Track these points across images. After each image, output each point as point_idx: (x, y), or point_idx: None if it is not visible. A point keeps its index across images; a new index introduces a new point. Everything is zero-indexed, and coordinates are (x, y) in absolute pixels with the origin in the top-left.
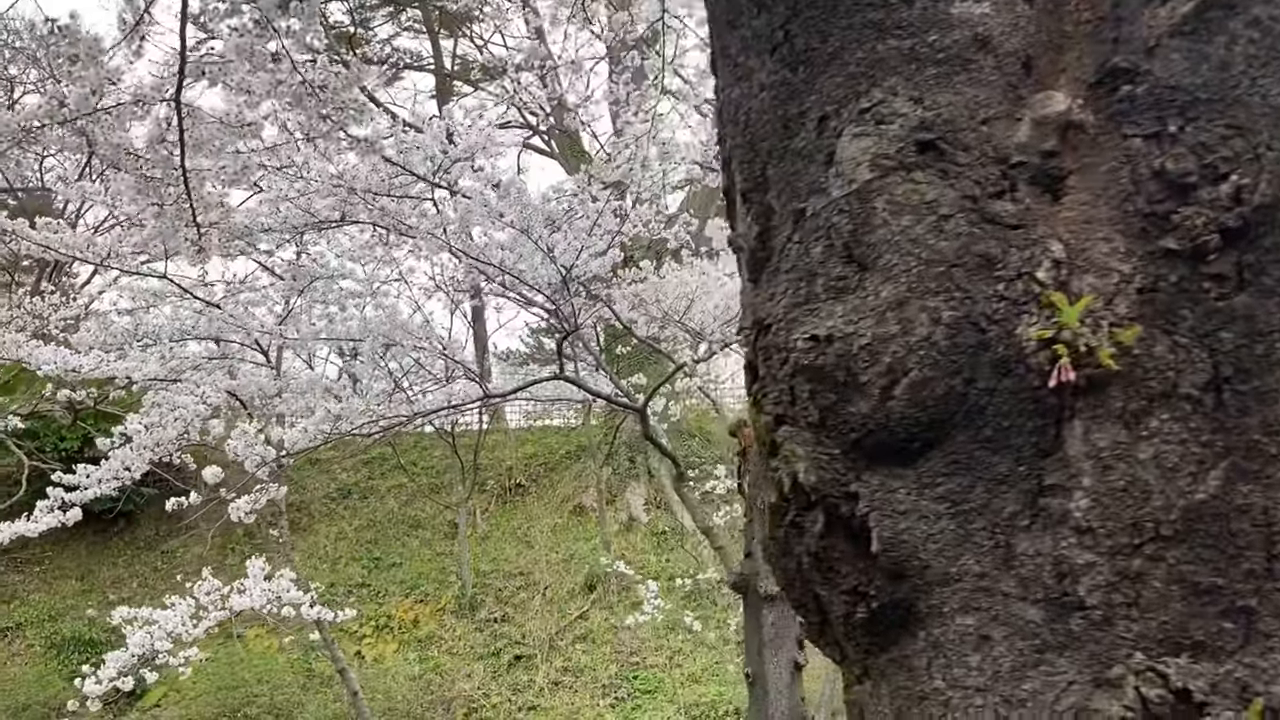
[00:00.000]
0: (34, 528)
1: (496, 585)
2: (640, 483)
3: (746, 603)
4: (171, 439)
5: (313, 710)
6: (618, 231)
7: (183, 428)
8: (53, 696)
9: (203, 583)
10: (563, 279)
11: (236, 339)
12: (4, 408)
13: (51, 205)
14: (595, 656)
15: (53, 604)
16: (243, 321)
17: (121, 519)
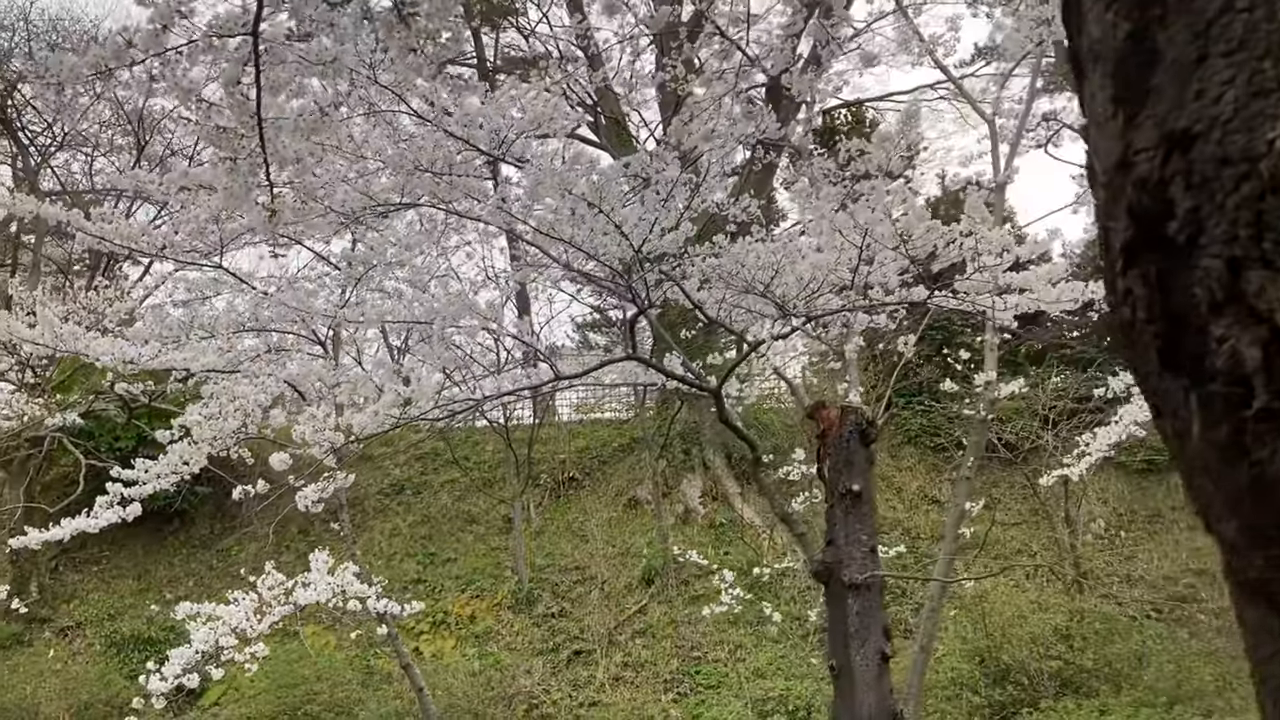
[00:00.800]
0: (94, 524)
1: (553, 580)
2: (696, 475)
3: (829, 592)
4: (231, 430)
5: (373, 708)
6: (687, 205)
7: (243, 418)
8: (115, 695)
9: (266, 576)
10: (635, 255)
11: (292, 330)
12: (62, 404)
13: (101, 207)
14: (656, 651)
15: (111, 603)
16: (303, 303)
17: (177, 518)
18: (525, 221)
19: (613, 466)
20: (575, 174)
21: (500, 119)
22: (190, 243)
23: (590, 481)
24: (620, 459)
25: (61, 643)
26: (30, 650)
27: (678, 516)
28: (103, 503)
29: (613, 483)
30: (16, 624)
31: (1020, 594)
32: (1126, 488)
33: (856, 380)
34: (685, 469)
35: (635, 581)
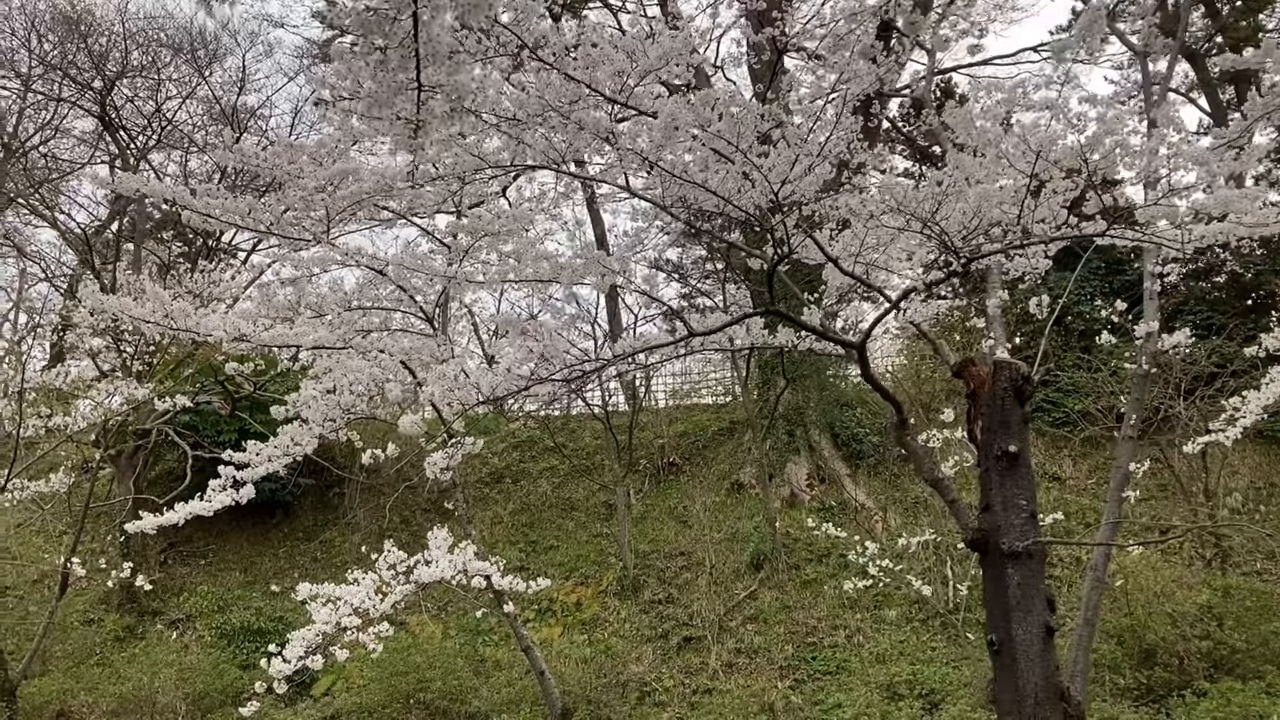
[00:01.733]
0: (207, 507)
1: (658, 566)
2: (801, 457)
3: (985, 562)
4: (349, 403)
5: (486, 695)
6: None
7: (360, 390)
8: (228, 684)
9: (388, 554)
10: (774, 201)
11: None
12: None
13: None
14: (769, 637)
15: (220, 595)
16: (423, 265)
17: (280, 511)
18: (659, 164)
19: (713, 451)
20: (710, 113)
21: (625, 58)
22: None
23: (691, 467)
24: (720, 443)
25: (173, 634)
26: (143, 642)
27: (783, 500)
28: (215, 486)
29: (714, 467)
30: (130, 616)
31: (1160, 571)
32: (1264, 459)
33: (1002, 338)
34: (790, 451)
35: (743, 566)
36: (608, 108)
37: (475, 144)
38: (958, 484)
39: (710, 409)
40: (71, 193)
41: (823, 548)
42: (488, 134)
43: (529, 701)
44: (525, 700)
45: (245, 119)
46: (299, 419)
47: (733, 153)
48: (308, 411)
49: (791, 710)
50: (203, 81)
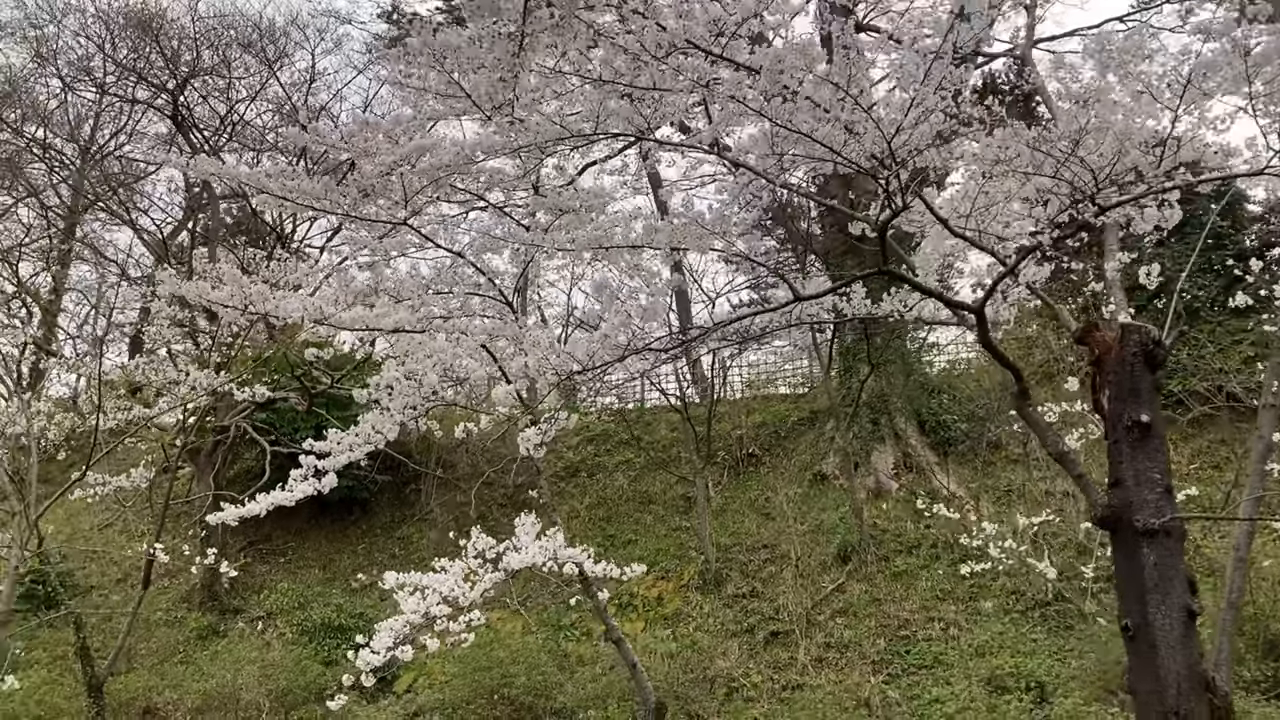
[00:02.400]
0: (289, 497)
1: (740, 559)
2: (887, 446)
3: (1117, 541)
4: (432, 384)
5: (571, 690)
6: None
7: (441, 372)
8: (311, 681)
9: (476, 540)
10: (887, 149)
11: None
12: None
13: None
14: (859, 631)
15: (300, 592)
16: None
17: (358, 508)
18: (762, 113)
19: (793, 441)
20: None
21: (720, 8)
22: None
23: (770, 458)
24: (800, 433)
25: (254, 632)
26: (224, 639)
27: (869, 490)
28: (297, 476)
29: (794, 458)
30: (211, 614)
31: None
32: None
33: (1123, 301)
34: (874, 440)
35: (830, 559)
36: (702, 61)
37: (558, 112)
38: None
39: (788, 399)
40: (146, 195)
41: (912, 539)
42: (572, 100)
43: (615, 697)
44: (612, 696)
45: (315, 115)
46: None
47: (839, 100)
48: (388, 400)
49: (889, 705)
50: (273, 77)
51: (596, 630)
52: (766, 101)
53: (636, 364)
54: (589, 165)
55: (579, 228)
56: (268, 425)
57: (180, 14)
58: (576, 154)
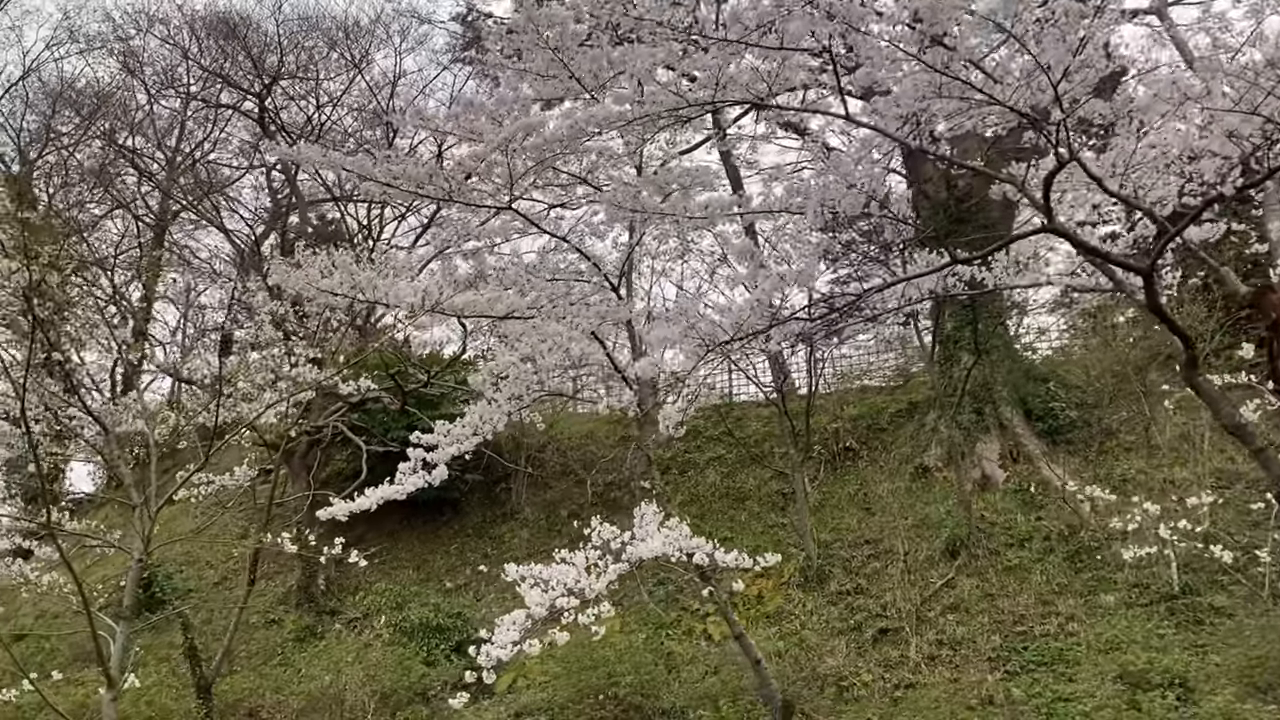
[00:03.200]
0: (400, 490)
1: (842, 555)
2: (992, 436)
3: None
4: (550, 366)
5: (680, 690)
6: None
7: (560, 356)
8: (415, 681)
9: (599, 530)
10: (1054, 94)
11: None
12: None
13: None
14: (972, 627)
15: (396, 593)
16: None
17: (449, 508)
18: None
19: (891, 434)
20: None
21: None
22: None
23: (868, 451)
24: (899, 425)
25: (351, 633)
26: (323, 641)
27: (975, 482)
28: (405, 469)
29: (894, 451)
30: (309, 616)
31: None
32: None
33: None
34: (979, 430)
35: (937, 554)
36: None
37: (673, 81)
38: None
39: (883, 390)
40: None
41: (1024, 531)
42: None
43: (726, 696)
44: (723, 695)
45: (402, 112)
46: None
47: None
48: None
49: (1013, 703)
50: (359, 76)
51: (697, 629)
52: (922, 50)
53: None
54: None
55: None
56: (361, 426)
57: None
58: (689, 128)
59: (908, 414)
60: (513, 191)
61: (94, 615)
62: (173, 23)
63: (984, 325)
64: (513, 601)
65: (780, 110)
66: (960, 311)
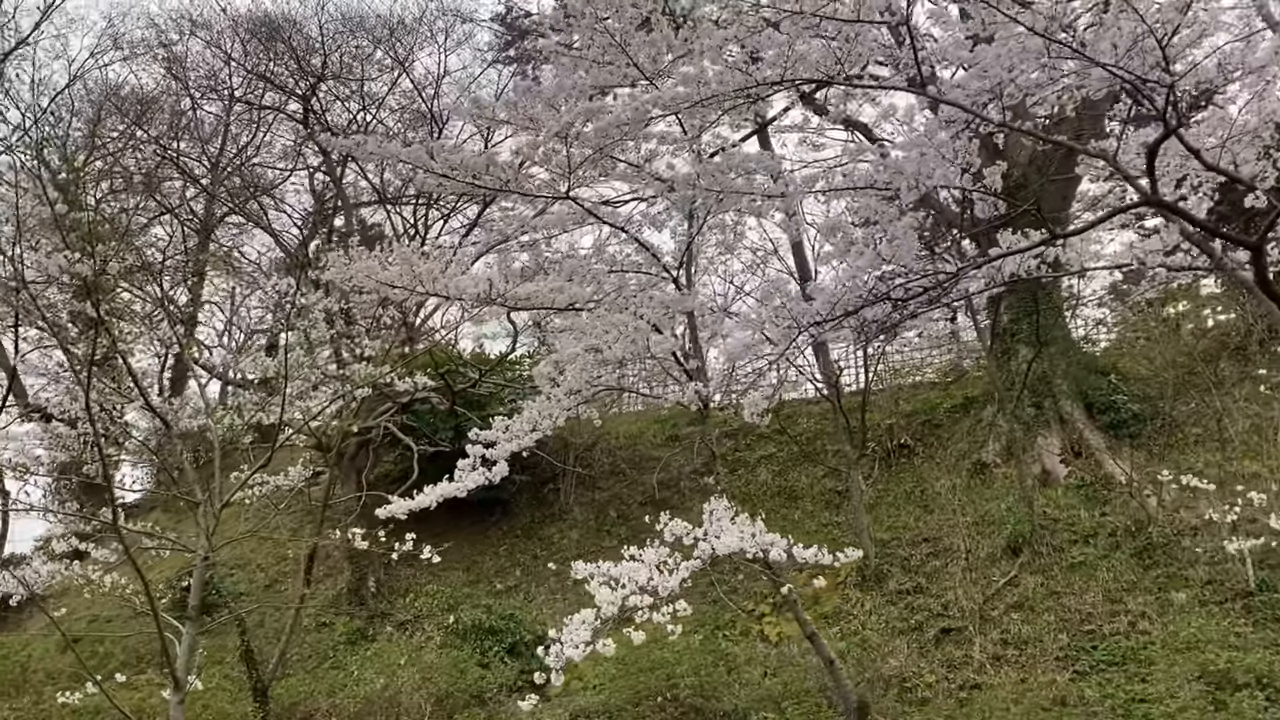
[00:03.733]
0: (460, 487)
1: (901, 554)
2: (1052, 431)
3: None
4: (618, 356)
5: (741, 692)
6: None
7: (625, 346)
8: (472, 684)
9: (670, 525)
10: (1161, 58)
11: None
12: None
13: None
14: (1038, 626)
15: (448, 594)
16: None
17: (498, 509)
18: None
19: (947, 430)
20: None
21: None
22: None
23: (923, 447)
24: (955, 421)
25: (402, 636)
26: (373, 644)
27: (1035, 478)
28: (465, 466)
29: (950, 447)
30: (359, 619)
31: None
32: None
33: None
34: (1038, 425)
35: (999, 551)
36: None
37: (739, 62)
38: None
39: (935, 387)
40: (281, 201)
41: (1087, 527)
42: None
43: (790, 698)
44: (787, 696)
45: (455, 105)
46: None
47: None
48: (550, 388)
49: (1086, 704)
50: (404, 74)
51: (753, 630)
52: (1017, 13)
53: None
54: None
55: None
56: (410, 426)
57: (308, 17)
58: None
59: (963, 410)
60: (570, 180)
61: (159, 616)
62: (216, 26)
63: (1042, 318)
64: (563, 603)
65: (852, 88)
66: (1017, 304)
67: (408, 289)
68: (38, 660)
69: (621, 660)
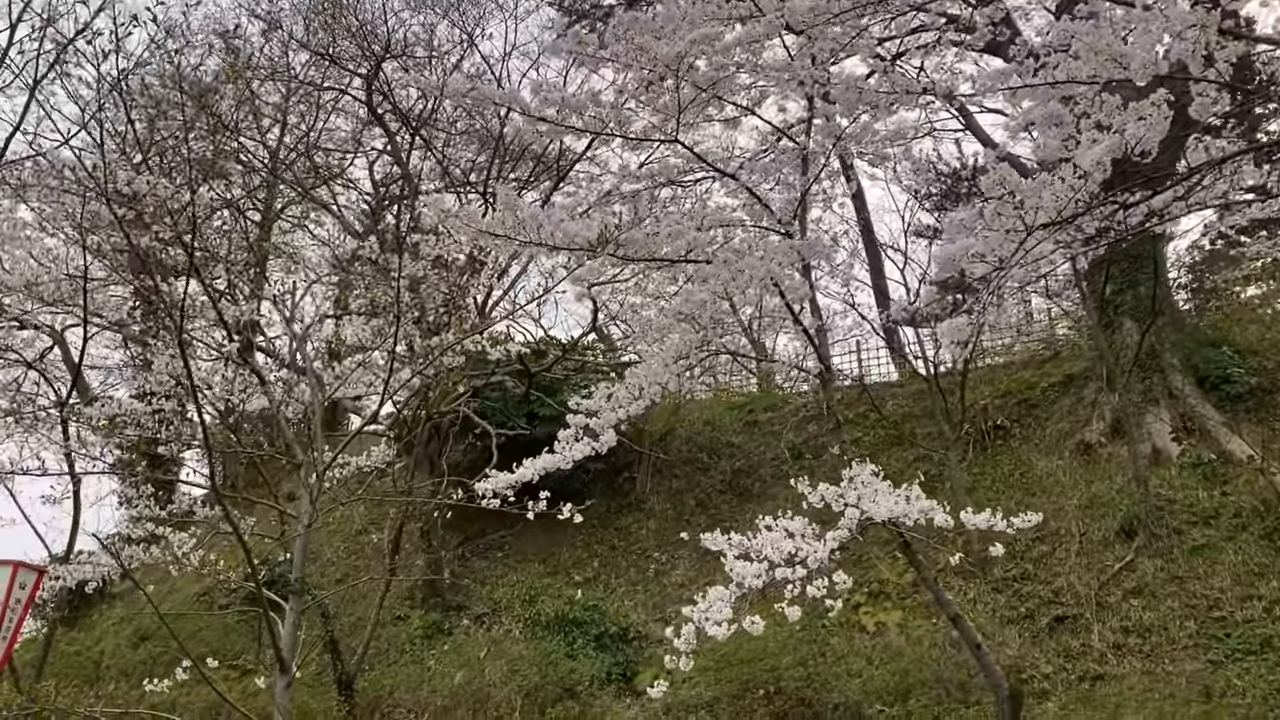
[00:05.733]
0: (563, 459)
1: (1003, 539)
2: (1162, 407)
3: None
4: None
5: (854, 684)
6: None
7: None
8: (564, 676)
9: (820, 490)
10: None
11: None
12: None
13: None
14: (1161, 613)
15: (527, 586)
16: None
17: (571, 499)
18: None
19: (1044, 410)
20: None
21: None
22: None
23: (1020, 429)
24: (1052, 400)
25: (480, 629)
26: (450, 638)
27: (1144, 458)
28: (567, 437)
29: (1049, 427)
30: (435, 612)
31: None
32: None
33: None
34: (1147, 402)
35: (1111, 534)
36: None
37: None
38: None
39: (1029, 365)
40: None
41: (1207, 508)
42: None
43: (916, 688)
44: (912, 688)
45: (540, 51)
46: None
47: None
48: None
49: (1232, 696)
50: (473, 48)
51: (848, 619)
52: None
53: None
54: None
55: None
56: (483, 412)
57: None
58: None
59: (1062, 388)
60: (679, 122)
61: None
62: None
63: (1145, 288)
64: (645, 594)
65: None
66: (1120, 274)
67: (509, 237)
68: (109, 657)
69: (714, 651)
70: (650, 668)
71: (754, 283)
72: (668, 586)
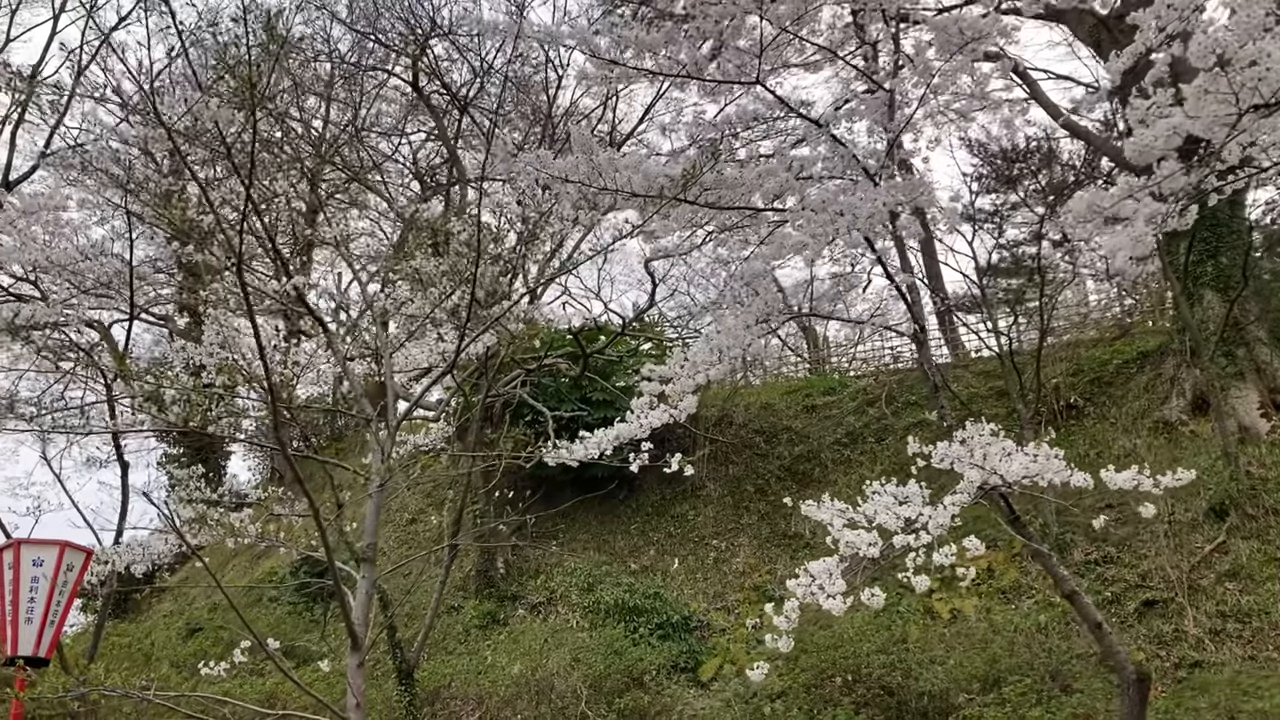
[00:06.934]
0: (636, 430)
1: (1081, 520)
2: (1247, 383)
3: None
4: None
5: (941, 672)
6: None
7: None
8: (631, 665)
9: (944, 449)
10: None
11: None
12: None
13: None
14: (1259, 596)
15: (585, 573)
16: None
17: (625, 486)
18: None
19: (1119, 387)
20: None
21: None
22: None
23: (1094, 407)
24: (1128, 377)
25: (536, 618)
26: (505, 628)
27: (1230, 435)
28: (641, 405)
29: (1125, 405)
30: (490, 601)
31: None
32: None
33: None
34: (1231, 377)
35: (1200, 515)
36: None
37: None
38: None
39: (1103, 342)
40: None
41: None
42: None
43: (1006, 675)
44: (1005, 674)
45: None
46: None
47: None
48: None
49: None
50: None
51: (917, 605)
52: None
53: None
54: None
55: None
56: (534, 397)
57: None
58: None
59: (1138, 364)
60: (761, 64)
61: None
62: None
63: (1226, 258)
64: (704, 582)
65: None
66: (1200, 244)
67: (584, 182)
68: (160, 649)
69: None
70: (715, 657)
71: (849, 230)
72: (728, 574)
